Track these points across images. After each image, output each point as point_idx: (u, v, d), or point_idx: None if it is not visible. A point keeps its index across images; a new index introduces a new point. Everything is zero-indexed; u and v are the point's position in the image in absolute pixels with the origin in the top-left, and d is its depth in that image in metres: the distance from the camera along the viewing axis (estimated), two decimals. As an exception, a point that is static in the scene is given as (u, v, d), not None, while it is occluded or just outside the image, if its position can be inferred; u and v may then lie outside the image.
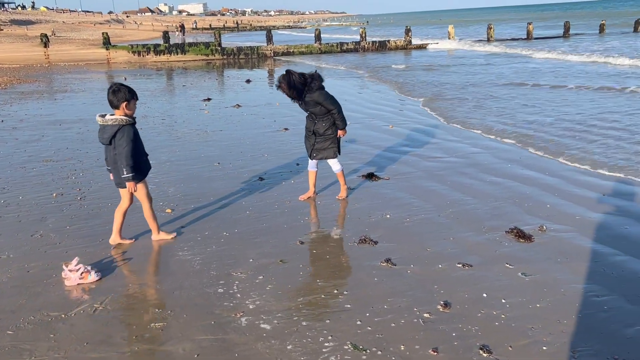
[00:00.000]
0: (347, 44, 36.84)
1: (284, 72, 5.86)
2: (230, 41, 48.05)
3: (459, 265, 4.59)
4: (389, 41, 37.54)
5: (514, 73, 19.88)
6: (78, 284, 4.41)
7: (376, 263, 4.69)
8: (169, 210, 6.17)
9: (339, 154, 6.30)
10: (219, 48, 34.50)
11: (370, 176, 7.16)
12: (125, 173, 4.70)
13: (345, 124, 6.17)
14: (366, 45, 36.51)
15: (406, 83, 18.31)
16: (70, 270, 4.44)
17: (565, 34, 39.44)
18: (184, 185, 7.13)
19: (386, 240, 5.19)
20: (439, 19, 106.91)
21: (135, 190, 4.86)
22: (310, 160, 6.33)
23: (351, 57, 32.04)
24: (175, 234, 5.44)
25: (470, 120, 11.34)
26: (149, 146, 9.81)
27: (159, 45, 34.16)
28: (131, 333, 3.71)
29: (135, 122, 4.84)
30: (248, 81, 20.15)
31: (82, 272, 4.44)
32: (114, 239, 5.22)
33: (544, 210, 5.88)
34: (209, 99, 15.41)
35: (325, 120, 6.07)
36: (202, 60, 33.59)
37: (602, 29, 41.56)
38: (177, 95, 16.96)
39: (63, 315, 3.95)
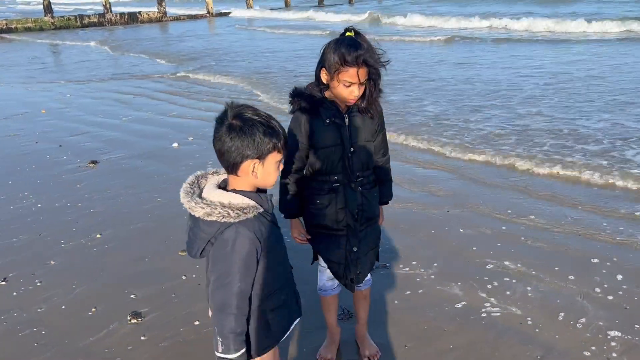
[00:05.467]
0: (88, 16, 30.13)
1: (351, 31, 2.24)
2: None
3: None
4: (140, 13, 31.91)
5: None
6: None
7: None
8: None
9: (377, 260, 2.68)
10: None
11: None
12: (220, 349, 1.67)
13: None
14: (113, 19, 30.37)
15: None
16: None
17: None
18: None
19: None
20: None
21: None
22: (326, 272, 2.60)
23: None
24: None
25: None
26: None
27: None
28: None
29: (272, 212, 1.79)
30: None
31: None
32: None
33: None
34: None
35: (372, 181, 2.51)
36: None
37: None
38: None
39: None
